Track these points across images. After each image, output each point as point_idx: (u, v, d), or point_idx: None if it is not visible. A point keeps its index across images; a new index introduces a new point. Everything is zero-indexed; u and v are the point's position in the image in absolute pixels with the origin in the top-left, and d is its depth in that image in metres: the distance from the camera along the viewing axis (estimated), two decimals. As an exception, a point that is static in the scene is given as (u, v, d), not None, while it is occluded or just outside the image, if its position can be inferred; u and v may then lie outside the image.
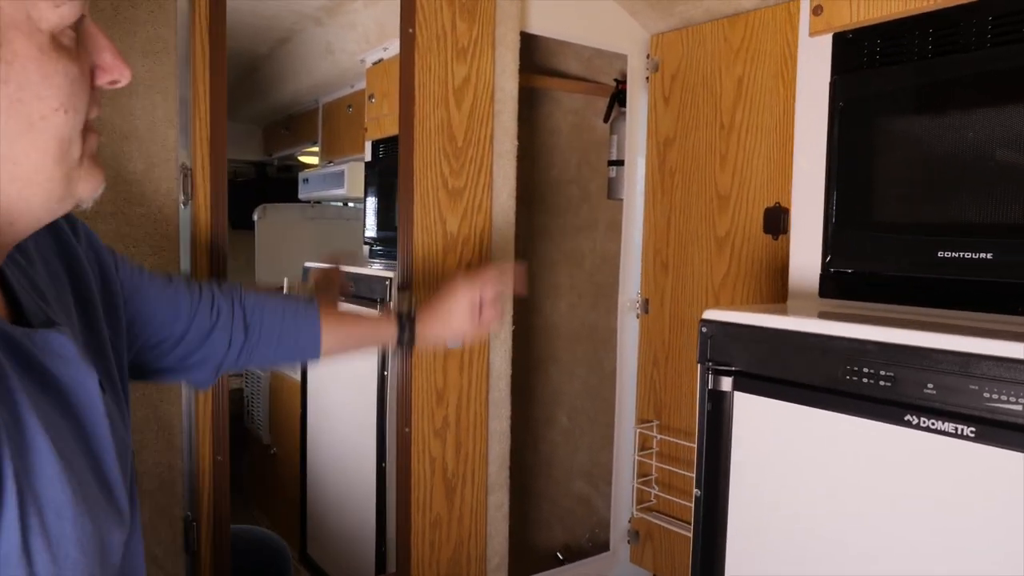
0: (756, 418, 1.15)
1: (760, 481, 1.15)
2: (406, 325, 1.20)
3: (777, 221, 1.75)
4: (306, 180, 2.80)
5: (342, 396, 2.16)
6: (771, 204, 1.76)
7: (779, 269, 1.76)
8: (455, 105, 1.59)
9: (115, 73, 0.62)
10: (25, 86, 0.54)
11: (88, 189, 0.63)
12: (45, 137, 0.57)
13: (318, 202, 2.90)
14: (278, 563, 1.61)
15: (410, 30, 1.52)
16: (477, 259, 1.65)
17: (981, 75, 1.10)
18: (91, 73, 0.61)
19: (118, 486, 0.69)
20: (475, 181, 1.63)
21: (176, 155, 1.31)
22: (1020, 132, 1.06)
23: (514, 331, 1.77)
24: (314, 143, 2.91)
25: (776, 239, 1.76)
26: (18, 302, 0.66)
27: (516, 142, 1.71)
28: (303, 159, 3.08)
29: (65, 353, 0.66)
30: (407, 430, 1.59)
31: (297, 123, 2.96)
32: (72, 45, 0.59)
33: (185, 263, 1.32)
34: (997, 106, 1.09)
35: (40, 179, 0.58)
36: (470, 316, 1.20)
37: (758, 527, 1.15)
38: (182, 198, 1.32)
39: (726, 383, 1.18)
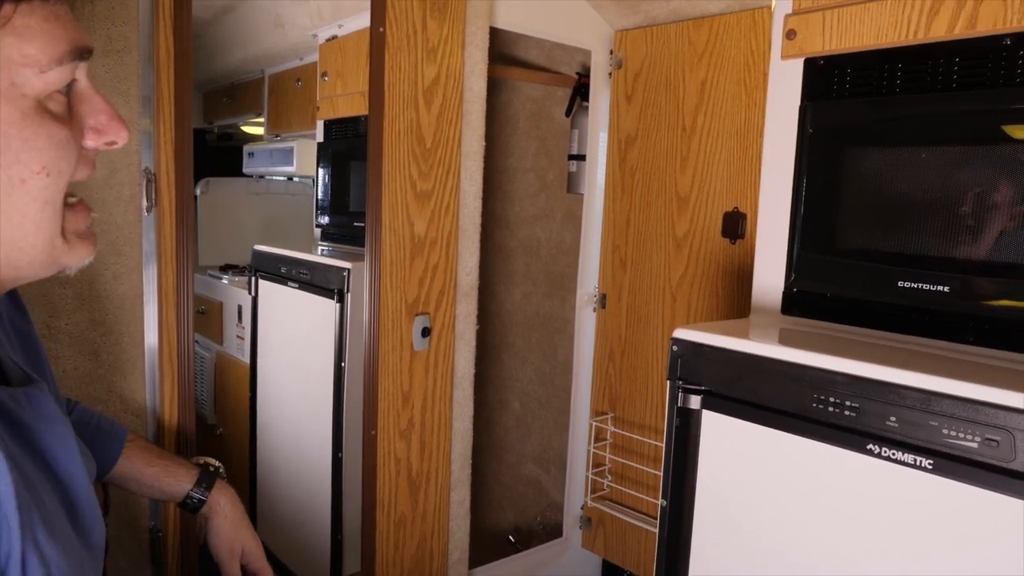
0: (723, 436, 1.19)
1: (725, 496, 1.20)
2: (206, 482, 1.15)
3: (735, 226, 1.80)
4: (251, 154, 2.72)
5: (296, 384, 2.13)
6: (730, 208, 1.81)
7: (736, 272, 1.81)
8: (424, 106, 1.57)
9: (111, 134, 0.62)
10: (5, 151, 0.55)
11: (74, 260, 0.63)
12: (26, 200, 0.57)
13: (262, 176, 2.83)
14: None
15: (380, 29, 1.48)
16: (444, 261, 1.65)
17: (944, 116, 1.15)
18: (82, 134, 0.61)
19: (97, 535, 0.71)
20: (443, 183, 1.62)
21: (139, 159, 1.26)
22: (978, 174, 1.11)
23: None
24: (259, 115, 2.82)
25: (734, 243, 1.81)
26: None
27: (484, 143, 1.70)
28: (246, 129, 2.98)
29: (45, 411, 0.67)
30: (373, 432, 1.60)
31: (240, 92, 2.86)
32: (61, 110, 0.59)
33: (150, 271, 1.28)
34: (959, 146, 1.14)
35: (24, 244, 0.58)
36: (233, 549, 1.16)
37: (722, 539, 1.21)
38: (145, 204, 1.27)
39: (695, 401, 1.22)
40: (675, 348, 1.25)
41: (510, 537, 2.50)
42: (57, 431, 0.68)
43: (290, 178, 2.84)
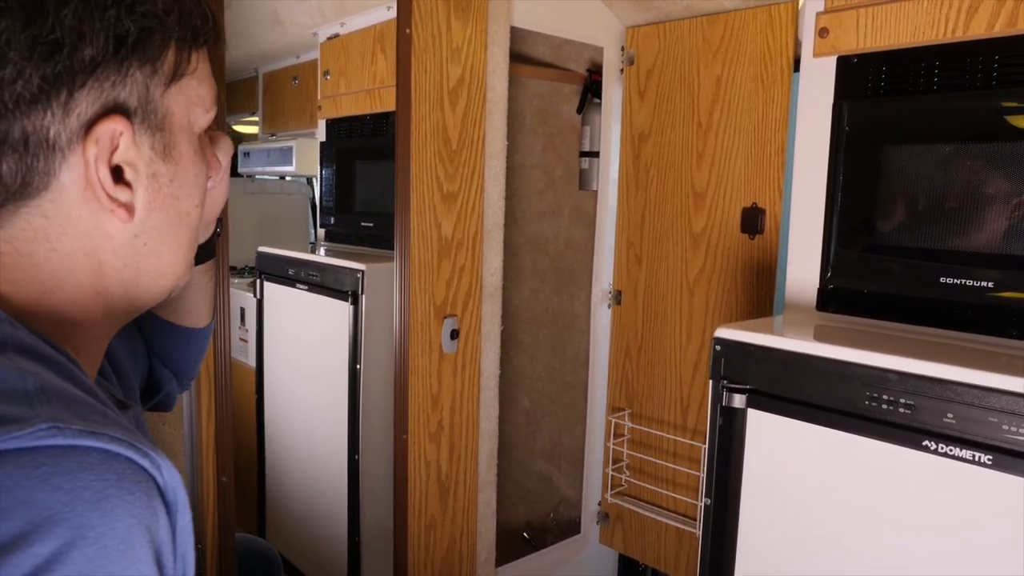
0: (771, 435, 1.20)
1: (774, 493, 1.21)
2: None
3: (754, 221, 1.81)
4: (247, 153, 2.69)
5: (306, 386, 2.12)
6: (748, 204, 1.82)
7: (755, 268, 1.82)
8: (450, 106, 1.55)
9: (216, 172, 0.65)
10: (183, 185, 0.57)
11: (185, 280, 0.64)
12: (186, 232, 0.59)
13: (252, 176, 2.80)
14: (271, 571, 1.59)
15: (407, 31, 1.47)
16: (470, 262, 1.64)
17: (984, 113, 1.16)
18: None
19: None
20: (469, 184, 1.61)
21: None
22: (1019, 170, 1.13)
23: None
24: (252, 113, 2.78)
25: (752, 238, 1.82)
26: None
27: (506, 142, 1.69)
28: (238, 128, 2.95)
29: (144, 431, 0.69)
30: (404, 436, 1.59)
31: (233, 91, 2.82)
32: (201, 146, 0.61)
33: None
34: (999, 143, 1.15)
35: (171, 271, 0.60)
36: None
37: (770, 536, 1.22)
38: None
39: (739, 400, 1.23)
40: (718, 348, 1.26)
41: (524, 534, 2.50)
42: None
43: (282, 177, 2.82)
